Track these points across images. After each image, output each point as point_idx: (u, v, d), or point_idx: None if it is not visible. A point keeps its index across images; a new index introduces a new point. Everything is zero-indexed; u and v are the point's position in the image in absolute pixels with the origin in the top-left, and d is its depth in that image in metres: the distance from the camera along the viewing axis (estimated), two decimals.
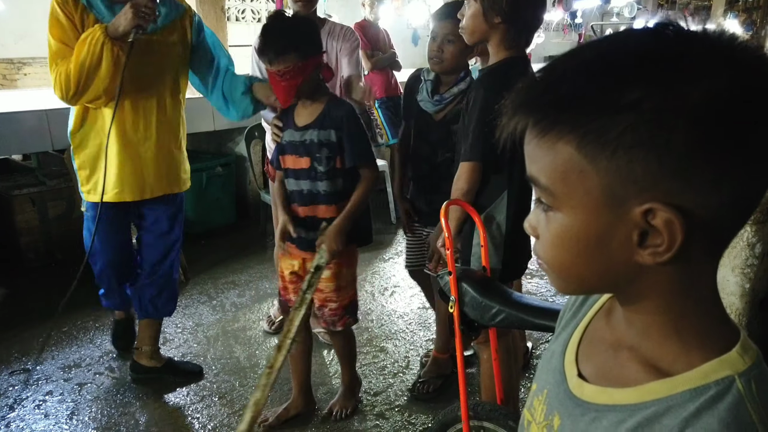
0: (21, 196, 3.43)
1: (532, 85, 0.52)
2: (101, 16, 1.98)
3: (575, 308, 0.66)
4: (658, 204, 0.46)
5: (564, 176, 0.50)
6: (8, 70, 5.85)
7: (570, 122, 0.48)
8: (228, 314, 3.04)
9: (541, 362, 0.68)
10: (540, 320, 1.36)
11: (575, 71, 0.50)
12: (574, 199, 0.50)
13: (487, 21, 1.60)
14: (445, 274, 1.57)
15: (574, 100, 0.48)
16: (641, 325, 0.54)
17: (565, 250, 0.53)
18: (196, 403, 2.33)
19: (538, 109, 0.51)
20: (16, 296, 3.23)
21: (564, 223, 0.52)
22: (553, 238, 0.53)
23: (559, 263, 0.54)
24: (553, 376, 0.62)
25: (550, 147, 0.50)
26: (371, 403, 2.34)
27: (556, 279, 0.56)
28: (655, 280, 0.51)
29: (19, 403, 2.32)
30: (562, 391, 0.59)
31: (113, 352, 2.68)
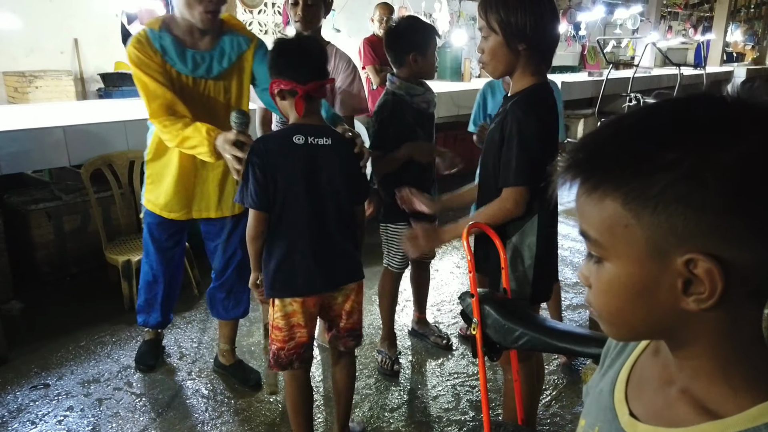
0: (37, 211, 3.47)
1: (580, 147, 0.58)
2: (173, 62, 2.08)
3: (620, 346, 0.70)
4: (698, 254, 0.51)
5: (611, 230, 0.55)
6: (20, 83, 5.89)
7: (615, 181, 0.54)
8: (242, 328, 3.07)
9: (589, 398, 0.72)
10: (563, 343, 1.39)
11: (619, 135, 0.56)
12: (621, 251, 0.55)
13: (511, 50, 1.60)
14: (467, 295, 1.60)
15: (618, 161, 0.54)
16: (690, 368, 0.58)
17: (615, 298, 0.58)
18: (214, 419, 2.36)
19: (586, 170, 0.57)
20: (32, 310, 3.26)
21: (612, 273, 0.57)
22: (603, 286, 0.58)
23: (609, 311, 0.59)
24: (604, 414, 0.66)
25: (598, 203, 0.55)
26: (388, 419, 2.37)
27: (608, 326, 0.60)
28: (701, 326, 0.55)
29: (41, 418, 2.35)
30: (614, 429, 0.63)
31: (131, 367, 2.71)
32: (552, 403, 2.45)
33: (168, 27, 2.11)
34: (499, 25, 1.58)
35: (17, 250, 3.43)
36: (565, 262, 3.95)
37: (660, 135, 0.53)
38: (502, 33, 1.59)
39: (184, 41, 2.12)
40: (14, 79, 5.99)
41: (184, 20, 2.09)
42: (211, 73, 2.16)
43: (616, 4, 9.75)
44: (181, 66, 2.10)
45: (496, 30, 1.59)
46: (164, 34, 2.08)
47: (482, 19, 1.62)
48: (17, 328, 3.04)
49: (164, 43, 2.07)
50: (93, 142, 3.47)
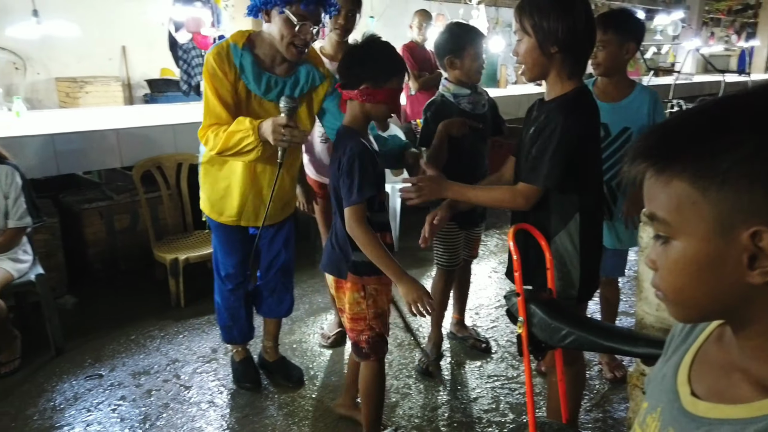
0: (90, 210, 3.62)
1: (648, 135, 0.63)
2: (247, 81, 2.14)
3: (684, 334, 0.74)
4: (763, 227, 0.55)
5: (679, 208, 0.60)
6: (71, 89, 6.14)
7: (683, 161, 0.59)
8: (285, 327, 3.15)
9: (652, 384, 0.75)
10: (610, 343, 1.41)
11: (686, 121, 0.61)
12: (689, 228, 0.60)
13: (544, 53, 1.63)
14: (512, 295, 1.63)
15: (686, 144, 0.59)
16: (751, 348, 0.62)
17: (682, 276, 0.62)
18: (258, 413, 2.43)
19: (654, 154, 0.62)
20: (85, 304, 3.41)
21: (680, 250, 0.61)
22: (670, 265, 0.63)
23: (675, 290, 0.63)
24: (666, 396, 0.69)
25: (666, 184, 0.60)
26: (429, 418, 2.40)
27: (674, 306, 0.64)
28: (764, 302, 0.59)
29: (96, 406, 2.46)
30: (675, 408, 0.67)
31: (179, 361, 2.81)
32: (593, 408, 2.45)
33: (252, 46, 2.15)
34: (532, 29, 1.61)
35: (71, 247, 3.59)
36: None
37: (725, 118, 0.58)
38: (535, 36, 1.61)
39: (263, 63, 2.16)
40: (66, 85, 6.25)
41: (271, 45, 2.13)
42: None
43: (656, 10, 9.61)
44: (254, 86, 2.15)
45: (529, 33, 1.63)
46: (246, 53, 2.13)
47: (517, 22, 1.66)
48: (71, 321, 3.18)
49: (244, 61, 2.12)
50: (143, 144, 3.61)
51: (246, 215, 2.36)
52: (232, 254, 2.46)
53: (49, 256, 3.32)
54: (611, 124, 2.32)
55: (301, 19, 2.04)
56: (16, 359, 2.74)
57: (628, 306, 3.41)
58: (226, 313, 2.56)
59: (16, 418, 2.38)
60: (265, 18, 2.11)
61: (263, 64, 2.17)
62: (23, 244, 2.86)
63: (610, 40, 2.27)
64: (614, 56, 2.31)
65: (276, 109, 2.13)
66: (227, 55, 2.11)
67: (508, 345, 2.96)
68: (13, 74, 6.15)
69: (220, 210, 2.37)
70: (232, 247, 2.45)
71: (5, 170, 2.73)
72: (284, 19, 2.04)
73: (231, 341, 2.65)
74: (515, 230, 1.71)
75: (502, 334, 3.08)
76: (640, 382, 1.67)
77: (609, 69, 2.34)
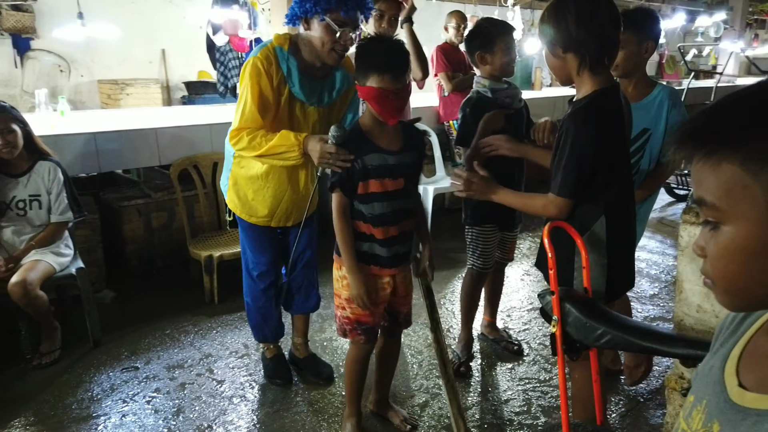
0: (129, 207, 3.71)
1: (694, 119, 0.61)
2: (292, 84, 2.17)
3: (733, 327, 0.71)
4: None
5: (728, 192, 0.58)
6: (113, 91, 6.33)
7: (732, 144, 0.57)
8: (315, 325, 3.17)
9: (698, 376, 0.73)
10: (648, 343, 1.37)
11: (733, 104, 0.59)
12: (739, 212, 0.58)
13: (555, 57, 1.68)
14: (547, 293, 1.60)
15: (735, 126, 0.57)
16: None
17: (732, 262, 0.60)
18: (288, 408, 2.45)
19: (702, 138, 0.60)
20: (122, 299, 3.49)
21: (730, 235, 0.59)
22: (720, 251, 0.60)
23: (726, 276, 0.61)
24: (712, 388, 0.67)
25: (715, 168, 0.58)
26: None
27: (724, 295, 0.62)
28: None
29: (131, 398, 2.51)
30: (722, 400, 0.64)
31: (212, 356, 2.85)
32: (629, 413, 2.39)
33: (295, 49, 2.17)
34: (543, 35, 1.69)
35: (110, 243, 3.68)
36: (641, 274, 3.83)
37: None
38: (546, 42, 1.69)
39: (305, 67, 2.19)
40: (108, 87, 6.45)
41: (311, 50, 2.15)
42: (321, 103, 2.25)
43: (697, 12, 9.38)
44: (298, 91, 2.18)
45: (543, 40, 1.71)
46: (291, 57, 2.15)
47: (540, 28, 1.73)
48: (109, 314, 3.26)
49: (291, 66, 2.15)
50: (180, 144, 3.69)
51: (277, 217, 2.39)
52: (263, 253, 2.49)
53: (89, 252, 3.41)
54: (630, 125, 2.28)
55: (342, 26, 2.06)
56: (56, 350, 2.83)
57: (665, 311, 3.33)
58: (257, 313, 2.58)
59: (56, 406, 2.45)
60: (305, 26, 2.13)
61: (306, 68, 2.19)
62: (65, 239, 2.95)
63: (628, 39, 2.18)
64: (633, 56, 2.26)
65: (316, 112, 2.20)
66: (275, 58, 2.14)
67: (540, 348, 2.92)
68: (58, 76, 6.37)
69: (250, 211, 2.40)
70: (264, 246, 2.48)
71: (48, 166, 2.83)
72: (325, 26, 2.07)
73: (263, 340, 2.68)
74: (550, 228, 1.69)
75: (534, 337, 3.03)
76: (678, 385, 1.62)
77: (628, 69, 2.29)
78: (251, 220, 2.42)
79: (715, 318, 1.59)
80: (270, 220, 2.41)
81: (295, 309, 2.67)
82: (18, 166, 2.80)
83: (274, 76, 2.13)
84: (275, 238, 2.50)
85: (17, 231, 2.81)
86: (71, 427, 2.32)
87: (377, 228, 1.99)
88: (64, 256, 2.91)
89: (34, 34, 6.10)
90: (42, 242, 2.80)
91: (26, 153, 2.80)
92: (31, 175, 2.81)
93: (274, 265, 2.53)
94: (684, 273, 1.62)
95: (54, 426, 2.33)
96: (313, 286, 2.64)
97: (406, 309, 2.22)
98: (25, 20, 5.96)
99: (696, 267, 1.59)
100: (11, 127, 2.70)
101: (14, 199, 2.79)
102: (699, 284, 1.57)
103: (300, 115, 2.23)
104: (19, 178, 2.80)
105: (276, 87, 2.14)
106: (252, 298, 2.56)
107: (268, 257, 2.50)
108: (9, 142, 2.69)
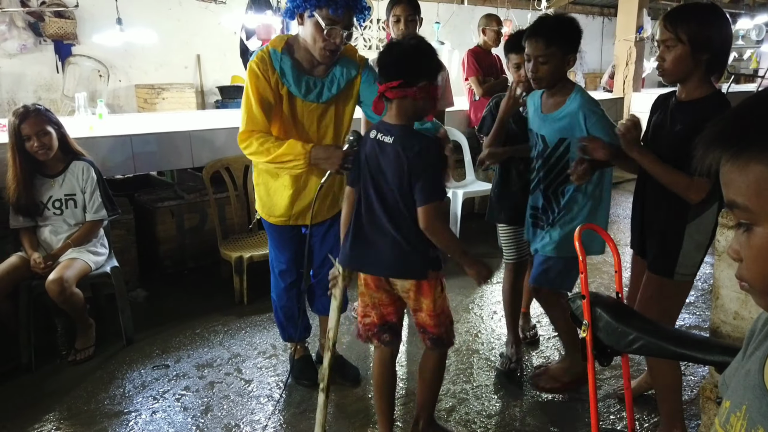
0: (163, 209, 3.78)
1: (721, 121, 0.60)
2: (288, 84, 2.21)
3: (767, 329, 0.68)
4: None
5: (759, 193, 0.56)
6: (149, 95, 6.48)
7: (760, 144, 0.55)
8: (341, 327, 3.16)
9: (734, 381, 0.70)
10: (682, 349, 1.33)
11: (759, 105, 0.58)
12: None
13: (694, 59, 1.78)
14: (577, 297, 1.57)
15: (761, 126, 0.56)
16: None
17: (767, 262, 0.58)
18: (315, 410, 2.44)
19: (729, 139, 0.58)
20: (154, 298, 3.56)
21: (763, 236, 0.57)
22: (754, 253, 0.59)
23: (763, 278, 0.59)
24: (752, 393, 0.64)
25: (743, 169, 0.57)
26: (485, 425, 2.35)
27: (762, 297, 0.60)
28: None
29: (162, 395, 2.55)
30: (765, 405, 0.62)
31: (240, 355, 2.88)
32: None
33: (290, 50, 2.23)
34: (688, 37, 1.77)
35: (144, 243, 3.76)
36: None
37: None
38: (689, 44, 1.77)
39: (301, 66, 2.23)
40: (144, 91, 6.60)
41: (306, 48, 2.20)
42: (320, 99, 2.26)
43: (739, 14, 9.13)
44: (294, 89, 2.22)
45: (683, 41, 1.78)
46: (285, 57, 2.20)
47: (669, 31, 1.81)
48: (142, 313, 3.33)
49: (284, 65, 2.20)
50: (213, 146, 3.75)
51: (294, 215, 2.41)
52: (283, 251, 2.52)
53: (123, 251, 3.49)
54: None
55: (331, 23, 2.08)
56: (90, 347, 2.89)
57: (701, 320, 3.23)
58: (281, 312, 2.61)
59: (89, 401, 2.51)
60: (299, 21, 2.17)
61: (301, 66, 2.22)
62: (101, 238, 3.03)
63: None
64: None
65: (318, 108, 2.24)
66: (269, 59, 2.19)
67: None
68: (97, 81, 6.54)
69: (269, 210, 2.44)
70: (284, 244, 2.51)
71: (81, 166, 2.91)
72: (314, 22, 2.10)
73: (288, 339, 2.69)
74: (581, 231, 1.66)
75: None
76: (713, 394, 1.57)
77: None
78: (271, 219, 2.46)
79: None
80: (288, 220, 2.43)
81: (323, 310, 2.67)
82: (53, 167, 2.88)
83: (270, 77, 2.18)
84: (296, 237, 2.52)
85: (54, 230, 2.89)
86: (103, 422, 2.37)
87: None
88: (99, 255, 2.98)
89: (75, 41, 6.29)
90: (78, 240, 2.88)
91: (61, 154, 2.88)
92: (66, 175, 2.89)
93: (295, 264, 2.54)
94: (721, 279, 1.57)
95: (87, 421, 2.38)
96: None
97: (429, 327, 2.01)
98: (67, 27, 6.15)
99: (733, 273, 1.53)
100: (46, 129, 2.78)
101: (51, 198, 2.87)
102: (736, 290, 1.52)
103: (302, 112, 2.26)
104: (55, 178, 2.88)
105: (274, 87, 2.19)
106: (277, 296, 2.60)
107: (287, 256, 2.52)
108: (44, 144, 2.77)
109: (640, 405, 2.40)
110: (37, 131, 2.75)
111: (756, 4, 9.70)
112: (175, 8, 6.89)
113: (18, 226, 2.87)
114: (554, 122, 2.24)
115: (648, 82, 8.86)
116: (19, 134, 2.74)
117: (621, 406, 2.44)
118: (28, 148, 2.76)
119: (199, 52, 7.23)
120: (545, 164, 2.30)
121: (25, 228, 2.88)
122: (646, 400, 2.45)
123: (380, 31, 8.57)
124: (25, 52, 5.99)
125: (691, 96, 1.86)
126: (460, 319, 3.25)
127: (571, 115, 2.19)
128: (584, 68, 9.87)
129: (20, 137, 2.75)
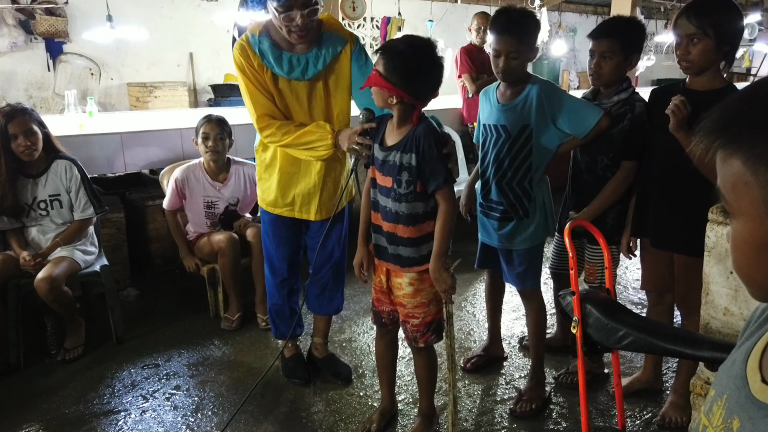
0: (153, 207, 3.75)
1: (711, 113, 0.61)
2: (270, 66, 2.19)
3: (762, 320, 0.69)
4: None
5: (734, 186, 0.57)
6: (141, 93, 6.45)
7: (737, 140, 0.56)
8: (335, 325, 3.16)
9: (720, 370, 0.70)
10: (672, 345, 1.33)
11: (741, 100, 0.59)
12: (743, 208, 0.57)
13: (718, 52, 1.86)
14: (567, 294, 1.57)
15: (739, 122, 0.56)
16: None
17: (741, 255, 0.59)
18: (307, 408, 2.44)
19: (716, 132, 0.59)
20: (145, 297, 3.54)
21: (737, 229, 0.59)
22: (732, 243, 0.60)
23: (738, 267, 0.60)
24: (734, 382, 0.64)
25: (725, 161, 0.58)
26: (476, 423, 2.34)
27: (746, 286, 0.61)
28: None
29: (152, 394, 2.53)
30: (743, 396, 0.61)
31: (233, 355, 2.86)
32: (654, 419, 2.32)
33: (268, 32, 2.22)
34: (714, 30, 1.82)
35: (135, 242, 3.73)
36: None
37: None
38: (715, 37, 1.83)
39: (281, 45, 2.21)
40: (137, 89, 6.56)
41: (278, 30, 2.18)
42: (306, 75, 2.21)
43: None
44: (278, 69, 2.20)
45: (710, 35, 1.84)
46: (263, 38, 2.19)
47: (693, 25, 1.86)
48: (132, 312, 3.30)
49: (263, 47, 2.19)
50: None
51: (298, 206, 2.39)
52: (278, 247, 2.50)
53: (114, 250, 3.46)
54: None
55: (285, 10, 2.06)
56: (80, 346, 2.87)
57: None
58: (272, 308, 2.60)
59: (78, 401, 2.48)
60: (266, 10, 2.18)
61: (281, 46, 2.21)
62: (90, 236, 3.00)
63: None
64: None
65: (305, 86, 2.22)
66: (248, 44, 2.19)
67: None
68: (88, 80, 6.51)
69: (263, 195, 2.43)
70: (279, 240, 2.48)
71: (64, 165, 2.87)
72: (273, 8, 2.09)
73: (280, 336, 2.68)
74: (571, 226, 1.65)
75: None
76: (703, 390, 1.57)
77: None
78: (275, 211, 2.43)
79: (743, 321, 1.53)
80: (292, 210, 2.40)
81: (318, 309, 2.66)
82: (36, 167, 2.83)
83: (252, 62, 2.18)
84: (294, 235, 2.50)
85: (42, 230, 2.87)
86: (92, 421, 2.35)
87: (377, 214, 2.05)
88: (89, 254, 2.95)
89: (67, 38, 6.25)
90: (67, 239, 2.85)
91: (44, 154, 2.83)
92: (48, 174, 2.84)
93: (288, 263, 2.51)
94: (710, 275, 1.57)
95: (76, 420, 2.36)
96: (338, 287, 2.63)
97: (408, 323, 2.06)
98: (58, 24, 6.11)
99: (723, 268, 1.53)
100: (33, 128, 2.75)
101: (35, 200, 2.83)
102: (726, 286, 1.52)
103: (290, 92, 2.24)
104: (38, 178, 2.83)
105: (258, 70, 2.19)
106: (269, 293, 2.59)
107: (282, 253, 2.50)
108: (31, 144, 2.73)
109: (631, 401, 2.40)
110: (24, 130, 2.72)
111: (748, 4, 9.73)
112: (168, 6, 6.86)
113: (3, 228, 2.83)
114: (515, 110, 2.21)
115: (641, 80, 8.88)
116: (5, 133, 2.71)
117: (612, 402, 2.44)
118: (13, 147, 2.72)
119: (191, 50, 7.20)
120: (508, 154, 2.24)
121: (12, 229, 2.85)
122: (641, 397, 2.45)
123: (374, 29, 8.56)
124: (16, 50, 5.96)
125: (710, 86, 1.93)
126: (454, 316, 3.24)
127: (532, 99, 2.18)
128: (578, 67, 9.88)
129: (6, 136, 2.71)
